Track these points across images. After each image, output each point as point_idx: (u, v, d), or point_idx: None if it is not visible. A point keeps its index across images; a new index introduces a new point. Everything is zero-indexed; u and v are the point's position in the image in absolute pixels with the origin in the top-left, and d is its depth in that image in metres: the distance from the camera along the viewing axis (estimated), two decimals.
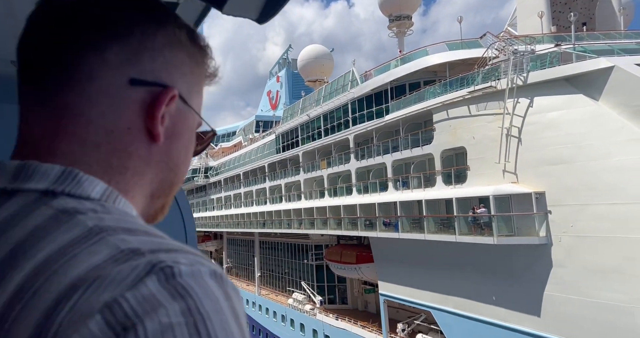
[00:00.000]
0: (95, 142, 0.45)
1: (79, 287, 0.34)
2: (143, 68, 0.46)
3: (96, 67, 0.45)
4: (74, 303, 0.33)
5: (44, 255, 0.37)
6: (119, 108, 0.45)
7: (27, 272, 0.36)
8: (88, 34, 0.45)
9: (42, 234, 0.38)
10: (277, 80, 51.72)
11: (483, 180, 16.75)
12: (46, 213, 0.40)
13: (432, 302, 18.77)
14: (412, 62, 21.79)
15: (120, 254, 0.36)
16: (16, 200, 0.41)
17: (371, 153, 23.23)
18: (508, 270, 15.73)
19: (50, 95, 0.45)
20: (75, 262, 0.36)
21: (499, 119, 16.30)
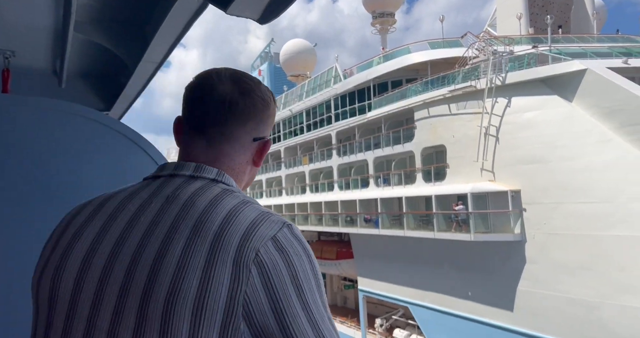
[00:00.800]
0: (231, 168, 0.81)
1: (256, 226, 0.66)
2: (259, 131, 0.83)
3: (241, 134, 0.81)
4: (257, 233, 0.65)
5: (227, 209, 0.68)
6: (245, 152, 0.82)
7: (223, 215, 0.67)
8: (241, 118, 0.80)
9: (221, 198, 0.70)
10: (258, 73, 51.04)
11: (462, 178, 17.06)
12: (218, 188, 0.73)
13: (410, 297, 19.09)
14: (395, 59, 21.90)
15: (263, 213, 0.69)
16: (199, 181, 0.75)
17: (353, 149, 23.33)
18: (484, 266, 16.11)
19: (213, 145, 0.80)
20: (246, 214, 0.68)
21: (478, 118, 16.59)
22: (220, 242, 0.63)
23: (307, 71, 37.67)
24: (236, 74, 0.83)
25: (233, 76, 0.82)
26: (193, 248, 0.63)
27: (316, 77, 28.13)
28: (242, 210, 0.68)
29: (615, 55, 15.51)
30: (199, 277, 0.61)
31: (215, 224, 0.65)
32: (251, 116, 0.80)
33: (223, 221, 0.66)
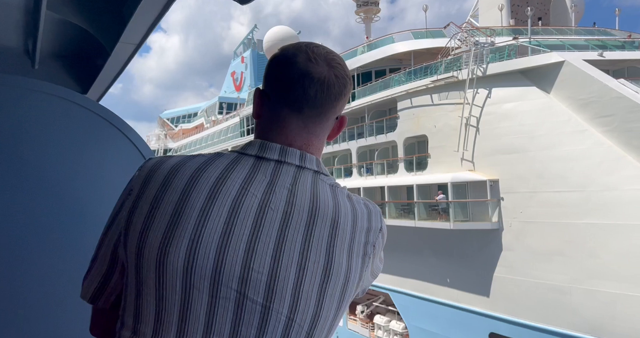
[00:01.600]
0: (319, 148, 0.85)
1: (371, 222, 0.81)
2: (340, 111, 0.87)
3: (331, 115, 0.85)
4: (373, 230, 0.81)
5: (350, 210, 0.78)
6: (328, 131, 0.87)
7: (350, 218, 0.78)
8: (335, 100, 0.83)
9: (337, 196, 0.79)
10: (241, 61, 50.20)
11: (443, 168, 17.33)
12: (326, 185, 0.80)
13: (390, 284, 19.45)
14: (379, 49, 21.89)
15: (364, 207, 0.82)
16: (308, 173, 0.80)
17: (336, 139, 23.31)
18: (462, 253, 16.52)
19: (308, 126, 0.83)
20: (362, 213, 0.80)
21: (459, 109, 16.81)
22: (354, 239, 0.78)
23: None
24: (328, 56, 0.84)
25: (326, 58, 0.83)
26: (335, 243, 0.75)
27: None
28: (356, 208, 0.80)
29: (592, 48, 15.90)
30: (345, 268, 0.75)
31: (348, 225, 0.77)
32: (341, 97, 0.84)
33: (352, 222, 0.78)
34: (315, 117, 0.83)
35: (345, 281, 0.75)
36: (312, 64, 0.81)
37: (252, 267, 0.70)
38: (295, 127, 0.82)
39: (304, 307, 0.71)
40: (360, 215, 0.80)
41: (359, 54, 22.93)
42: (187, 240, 0.70)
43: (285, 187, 0.76)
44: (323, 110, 0.83)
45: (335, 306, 0.74)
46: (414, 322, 18.35)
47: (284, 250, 0.72)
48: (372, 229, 0.81)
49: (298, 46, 0.85)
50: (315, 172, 0.81)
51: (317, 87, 0.81)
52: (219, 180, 0.75)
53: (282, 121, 0.83)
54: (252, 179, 0.76)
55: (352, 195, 0.83)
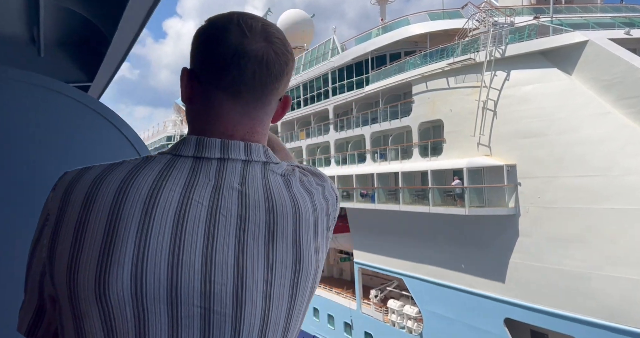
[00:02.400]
0: (264, 134, 0.78)
1: (321, 192, 0.77)
2: (284, 90, 0.78)
3: (274, 96, 0.76)
4: (328, 198, 0.78)
5: (310, 206, 0.74)
6: (272, 113, 0.79)
7: (311, 213, 0.74)
8: (277, 80, 0.74)
9: (295, 192, 0.73)
10: None
11: (458, 153, 17.04)
12: (279, 177, 0.73)
13: (404, 269, 19.45)
14: (393, 31, 21.41)
15: (323, 196, 0.78)
16: (257, 167, 0.73)
17: (350, 124, 23.17)
18: (477, 239, 16.34)
19: (249, 112, 0.74)
20: (319, 200, 0.76)
21: (476, 92, 16.39)
22: (317, 226, 0.74)
23: (305, 43, 36.88)
24: (266, 29, 0.73)
25: (264, 31, 0.72)
26: (305, 237, 0.72)
27: (313, 49, 27.56)
28: (314, 199, 0.75)
29: (618, 26, 15.17)
30: (314, 251, 0.72)
31: (310, 215, 0.73)
32: (284, 76, 0.75)
33: (313, 208, 0.74)
34: (256, 102, 0.74)
35: (316, 269, 0.72)
36: (247, 40, 0.71)
37: (214, 279, 0.65)
38: (234, 115, 0.73)
39: (277, 305, 0.68)
40: (317, 196, 0.76)
41: (374, 37, 22.50)
42: (129, 265, 0.62)
43: (234, 188, 0.69)
44: (264, 93, 0.74)
45: (307, 295, 0.72)
46: (428, 307, 18.39)
47: (247, 255, 0.66)
48: (330, 204, 0.78)
49: (229, 17, 0.73)
50: (264, 163, 0.74)
51: (255, 67, 0.71)
52: (153, 190, 0.66)
53: (218, 109, 0.73)
54: (193, 185, 0.68)
55: (302, 175, 0.77)
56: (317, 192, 0.76)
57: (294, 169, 0.77)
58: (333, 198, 0.79)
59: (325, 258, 0.76)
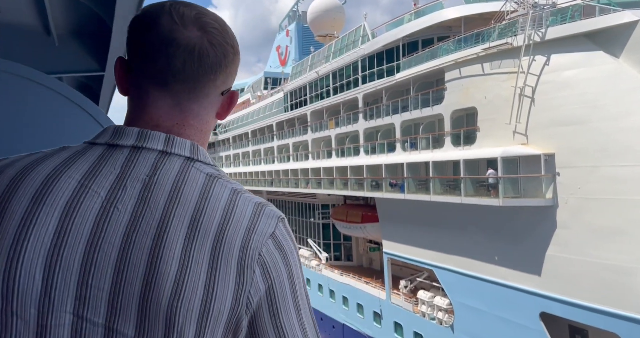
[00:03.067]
0: (200, 129, 0.72)
1: (255, 223, 0.64)
2: (227, 83, 0.74)
3: (211, 90, 0.71)
4: (257, 232, 0.64)
5: (223, 205, 0.63)
6: (214, 108, 0.74)
7: (221, 212, 0.63)
8: (212, 72, 0.70)
9: (210, 190, 0.64)
10: (286, 34, 49.77)
11: (492, 142, 16.46)
12: (201, 175, 0.66)
13: (435, 260, 19.19)
14: (426, 16, 20.74)
15: (257, 205, 0.66)
16: (175, 160, 0.66)
17: (380, 113, 22.82)
18: (511, 231, 15.84)
19: (180, 103, 0.70)
20: (242, 209, 0.64)
21: (512, 78, 15.70)
22: (222, 243, 0.61)
23: (335, 31, 36.43)
24: (201, 18, 0.69)
25: (198, 20, 0.68)
26: (194, 249, 0.60)
27: (343, 37, 27.19)
28: (237, 203, 0.65)
29: None
30: (204, 281, 0.59)
31: (215, 223, 0.62)
32: (222, 68, 0.70)
33: (222, 219, 0.62)
34: (187, 93, 0.69)
35: (202, 304, 0.59)
36: (177, 28, 0.67)
37: (90, 283, 0.57)
38: (162, 105, 0.69)
39: (152, 328, 0.57)
40: (240, 212, 0.63)
41: (406, 23, 21.89)
42: (3, 260, 0.56)
43: (140, 180, 0.62)
44: (198, 85, 0.69)
45: (192, 334, 0.59)
46: (459, 299, 18.11)
47: (130, 259, 0.58)
48: (257, 232, 0.63)
49: (162, 4, 0.69)
50: (188, 159, 0.66)
51: (185, 57, 0.67)
52: (50, 178, 0.60)
53: (145, 98, 0.69)
54: (95, 173, 0.62)
55: (244, 192, 0.67)
56: (242, 207, 0.64)
57: (241, 192, 0.67)
58: (264, 230, 0.64)
59: (217, 299, 0.59)
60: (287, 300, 0.65)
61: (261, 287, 0.62)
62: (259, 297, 0.62)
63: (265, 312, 0.63)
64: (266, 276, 0.63)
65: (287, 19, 51.73)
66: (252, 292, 0.62)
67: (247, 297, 0.61)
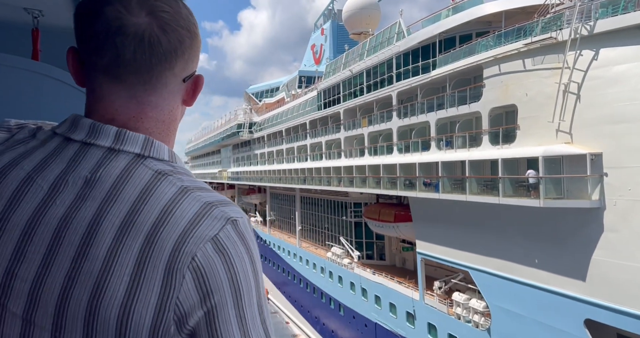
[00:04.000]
0: (162, 120, 0.70)
1: (195, 225, 0.59)
2: (188, 69, 0.70)
3: (169, 79, 0.68)
4: (194, 234, 0.59)
5: (162, 204, 0.60)
6: (176, 96, 0.71)
7: (157, 212, 0.59)
8: (167, 59, 0.66)
9: (153, 188, 0.61)
10: (321, 33, 49.85)
11: (533, 141, 15.83)
12: (148, 172, 0.63)
13: (471, 262, 18.72)
14: (465, 11, 20.19)
15: (205, 206, 0.61)
16: (122, 157, 0.63)
17: (414, 111, 22.46)
18: (553, 233, 15.20)
19: (136, 95, 0.66)
20: (184, 209, 0.60)
21: (556, 74, 15.02)
22: (152, 244, 0.57)
23: (370, 28, 36.12)
24: (148, 0, 0.64)
25: (144, 3, 0.64)
26: (120, 250, 0.57)
27: (378, 34, 26.93)
28: (180, 203, 0.60)
29: None
30: (127, 282, 0.56)
31: (148, 223, 0.58)
32: (179, 55, 0.66)
33: (157, 219, 0.58)
34: (143, 85, 0.65)
35: (122, 307, 0.56)
36: (125, 15, 0.62)
37: (17, 273, 0.58)
38: (117, 99, 0.66)
39: (71, 327, 0.56)
40: (181, 212, 0.59)
41: (443, 18, 21.40)
42: None
43: (82, 177, 0.61)
44: (153, 75, 0.65)
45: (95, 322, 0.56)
46: (497, 302, 17.58)
47: (57, 255, 0.58)
48: (194, 235, 0.58)
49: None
50: (138, 156, 0.64)
51: (135, 47, 0.62)
52: (5, 168, 0.63)
53: (99, 91, 0.66)
54: (44, 167, 0.62)
55: (197, 191, 0.62)
56: (186, 206, 0.60)
57: (192, 191, 0.62)
58: (203, 234, 0.59)
59: (138, 303, 0.56)
60: (227, 310, 0.59)
61: (193, 294, 0.58)
62: (190, 305, 0.58)
63: (202, 321, 0.59)
64: (200, 282, 0.58)
65: (323, 18, 51.78)
66: (182, 298, 0.57)
67: (175, 304, 0.57)
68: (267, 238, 45.39)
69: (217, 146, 62.17)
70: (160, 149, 0.67)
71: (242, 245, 0.61)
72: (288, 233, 42.30)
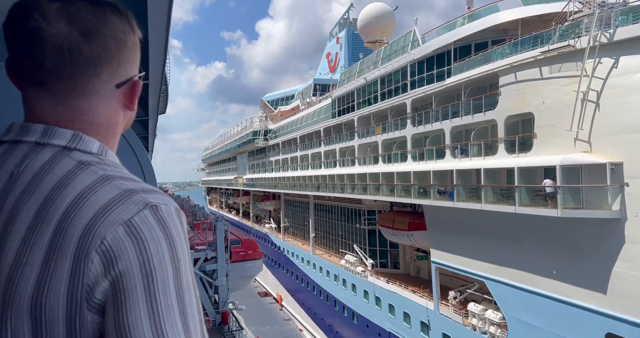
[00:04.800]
0: (97, 123, 0.70)
1: (108, 209, 0.59)
2: (121, 75, 0.70)
3: (98, 85, 0.68)
4: (106, 218, 0.58)
5: (78, 191, 0.60)
6: (112, 101, 0.71)
7: (70, 199, 0.59)
8: (90, 67, 0.65)
9: (73, 177, 0.62)
10: (336, 41, 50.28)
11: (551, 149, 15.59)
12: (71, 162, 0.64)
13: (486, 272, 18.41)
14: (481, 19, 20.11)
15: (125, 192, 0.61)
16: (48, 150, 0.65)
17: (429, 118, 22.37)
18: (572, 244, 14.86)
19: (65, 102, 0.67)
20: (100, 195, 0.60)
21: (574, 82, 14.80)
22: (62, 231, 0.57)
23: (385, 37, 36.24)
24: (65, 9, 0.64)
25: (63, 11, 0.64)
26: (32, 239, 0.57)
27: (392, 42, 27.01)
28: (97, 190, 0.59)
29: None
30: (37, 272, 0.56)
31: (60, 210, 0.58)
32: (104, 62, 0.66)
33: (69, 206, 0.58)
34: (68, 91, 0.66)
35: (33, 298, 0.56)
36: (43, 24, 0.62)
37: None
38: (44, 105, 0.67)
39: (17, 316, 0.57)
40: (95, 198, 0.59)
41: (458, 26, 21.36)
42: None
43: (7, 172, 0.64)
44: (78, 82, 0.65)
45: (28, 331, 0.56)
46: (514, 314, 17.22)
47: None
48: (106, 219, 0.57)
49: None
50: (64, 148, 0.65)
51: (55, 56, 0.63)
52: None
53: (29, 97, 0.68)
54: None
55: (120, 180, 0.62)
56: (103, 192, 0.60)
57: (114, 180, 0.62)
58: (117, 218, 0.58)
59: (48, 292, 0.56)
60: (135, 295, 0.56)
61: (101, 278, 0.56)
62: (103, 293, 0.56)
63: (110, 306, 0.57)
64: (109, 266, 0.57)
65: (338, 27, 52.21)
66: (91, 284, 0.56)
67: (86, 291, 0.56)
68: (281, 244, 45.50)
69: (233, 153, 62.88)
70: (88, 142, 0.67)
71: (161, 230, 0.59)
72: (302, 240, 42.32)
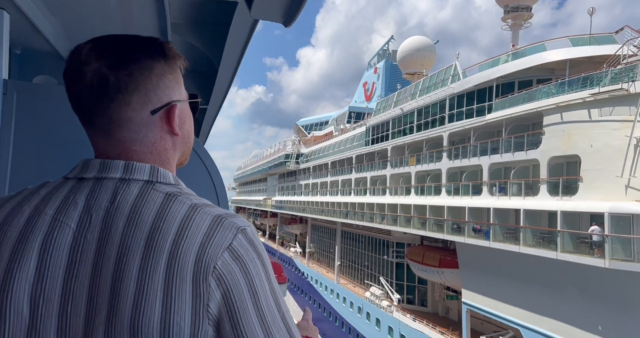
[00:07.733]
0: (148, 152, 0.72)
1: (211, 236, 0.64)
2: (153, 101, 0.71)
3: (130, 113, 0.69)
4: (212, 244, 0.63)
5: (179, 220, 0.64)
6: (151, 129, 0.72)
7: (175, 229, 0.63)
8: (118, 96, 0.68)
9: (167, 208, 0.65)
10: (374, 71, 51.09)
11: (598, 195, 14.84)
12: (159, 195, 0.67)
13: (523, 319, 17.36)
14: (526, 57, 19.89)
15: (216, 218, 0.66)
16: (134, 185, 0.68)
17: (466, 153, 21.95)
18: (620, 298, 13.85)
19: (112, 135, 0.70)
20: (198, 223, 0.64)
21: (627, 127, 14.22)
22: (176, 258, 0.62)
23: (424, 69, 36.45)
24: (95, 44, 0.69)
25: (98, 46, 0.69)
26: (149, 268, 0.61)
27: (432, 75, 27.05)
28: (194, 218, 0.65)
29: None
30: (161, 298, 0.60)
31: (169, 240, 0.63)
32: (130, 90, 0.68)
33: (176, 235, 0.63)
34: (109, 124, 0.69)
35: (162, 321, 0.60)
36: (79, 63, 0.68)
37: (69, 311, 0.61)
38: (100, 140, 0.71)
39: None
40: (196, 227, 0.64)
41: (502, 63, 21.19)
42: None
43: (102, 208, 0.65)
44: (112, 113, 0.68)
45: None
46: None
47: (99, 285, 0.61)
48: (212, 245, 0.63)
49: (81, 44, 0.70)
50: (147, 182, 0.69)
51: (87, 92, 0.67)
52: (33, 216, 0.66)
53: (89, 137, 0.72)
54: (66, 206, 0.66)
55: (205, 207, 0.67)
56: (200, 219, 0.65)
57: (201, 207, 0.67)
58: (220, 242, 0.64)
59: (175, 314, 0.60)
60: (248, 311, 0.63)
61: (219, 300, 0.62)
62: (218, 310, 0.62)
63: (227, 324, 0.62)
64: (223, 288, 0.63)
65: (377, 57, 53.16)
66: (212, 305, 0.62)
67: (207, 310, 0.62)
68: (304, 270, 44.92)
69: (264, 174, 63.71)
70: (165, 174, 0.72)
71: (253, 251, 0.66)
72: (326, 267, 41.65)
